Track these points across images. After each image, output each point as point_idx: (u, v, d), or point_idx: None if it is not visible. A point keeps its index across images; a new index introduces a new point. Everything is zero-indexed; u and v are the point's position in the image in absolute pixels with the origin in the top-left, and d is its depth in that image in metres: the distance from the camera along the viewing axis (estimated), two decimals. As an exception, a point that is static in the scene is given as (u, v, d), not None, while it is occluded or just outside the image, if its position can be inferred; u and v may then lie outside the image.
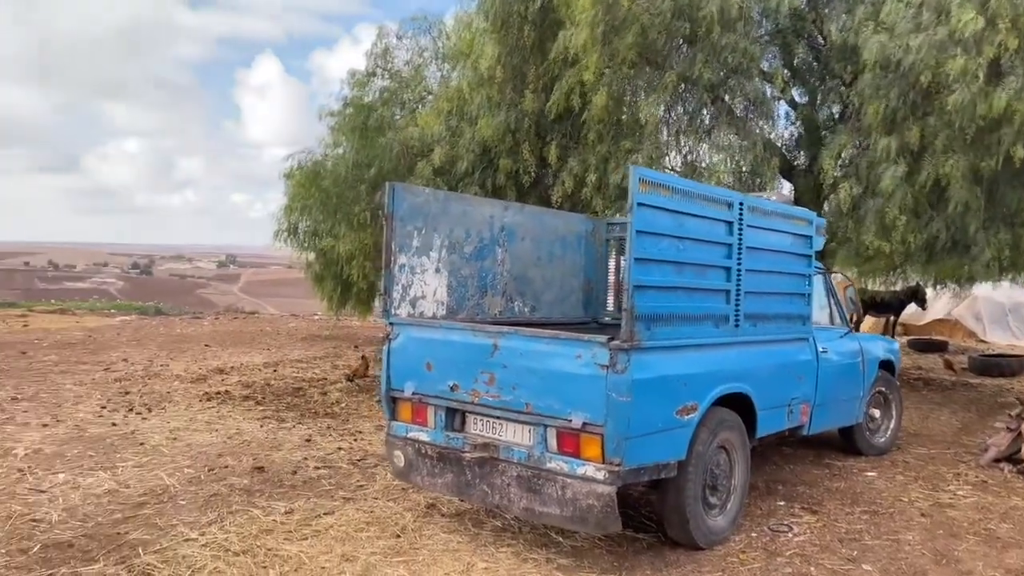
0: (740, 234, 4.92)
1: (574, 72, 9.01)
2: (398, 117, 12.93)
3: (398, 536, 4.93)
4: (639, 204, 4.08)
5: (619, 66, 8.76)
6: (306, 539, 4.84)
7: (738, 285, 4.93)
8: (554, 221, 6.61)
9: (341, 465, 6.51)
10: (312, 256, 15.97)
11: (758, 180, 9.66)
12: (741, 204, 4.93)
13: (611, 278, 6.97)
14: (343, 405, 9.12)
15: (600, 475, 4.12)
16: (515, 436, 4.59)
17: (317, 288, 16.06)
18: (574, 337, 4.28)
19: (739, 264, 4.93)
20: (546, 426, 4.36)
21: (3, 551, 4.55)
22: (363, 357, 11.73)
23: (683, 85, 9.03)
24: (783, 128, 11.38)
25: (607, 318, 6.98)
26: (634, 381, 4.05)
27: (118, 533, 4.87)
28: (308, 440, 7.26)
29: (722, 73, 9.12)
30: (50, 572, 4.28)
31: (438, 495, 5.48)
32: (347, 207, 11.15)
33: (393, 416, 5.20)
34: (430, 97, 14.01)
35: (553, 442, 4.35)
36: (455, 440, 4.81)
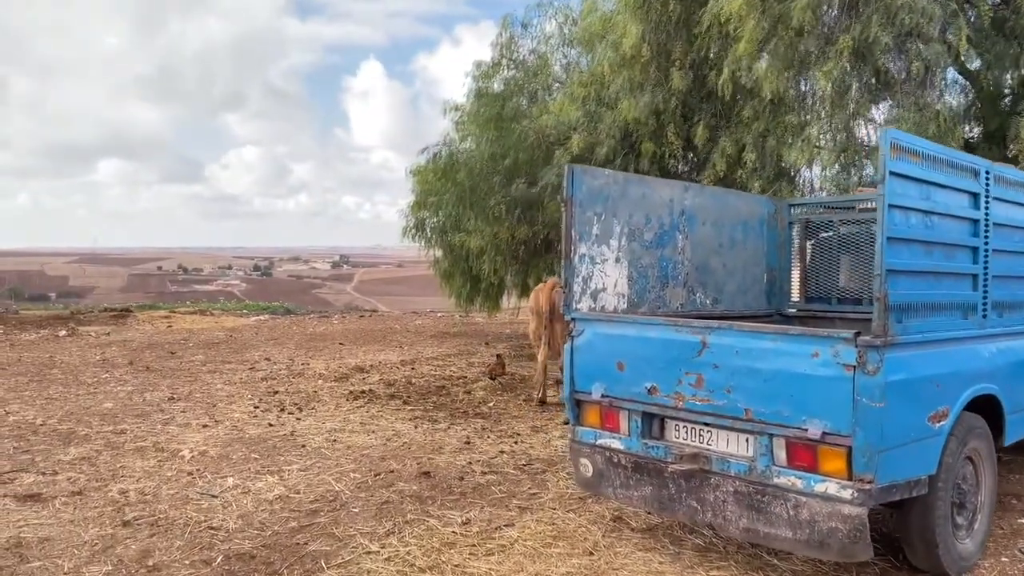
0: (987, 208, 4.20)
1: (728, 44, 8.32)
2: (524, 107, 12.52)
3: (591, 554, 4.48)
4: (891, 173, 3.46)
5: (784, 32, 8.00)
6: (492, 555, 4.46)
7: (986, 268, 4.21)
8: (736, 203, 6.01)
9: (508, 471, 6.13)
10: (439, 252, 15.86)
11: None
12: (988, 173, 4.20)
13: (796, 266, 6.30)
14: (491, 405, 8.79)
15: (846, 494, 3.52)
16: (730, 446, 4.04)
17: (445, 284, 15.91)
18: (809, 333, 3.69)
19: (986, 243, 4.20)
20: (772, 435, 3.79)
21: (187, 562, 4.38)
22: (498, 355, 11.41)
23: (856, 51, 8.18)
24: (950, 97, 10.26)
25: (792, 310, 6.31)
26: (888, 383, 3.42)
27: (297, 544, 4.64)
28: (467, 443, 6.93)
29: (896, 37, 8.23)
30: (237, 587, 4.07)
31: (626, 507, 5.01)
32: (482, 200, 10.83)
33: (578, 420, 4.75)
34: (557, 85, 13.57)
35: (781, 454, 3.77)
36: (655, 449, 4.31)
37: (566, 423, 7.84)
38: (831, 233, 6.17)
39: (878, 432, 3.43)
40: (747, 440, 3.96)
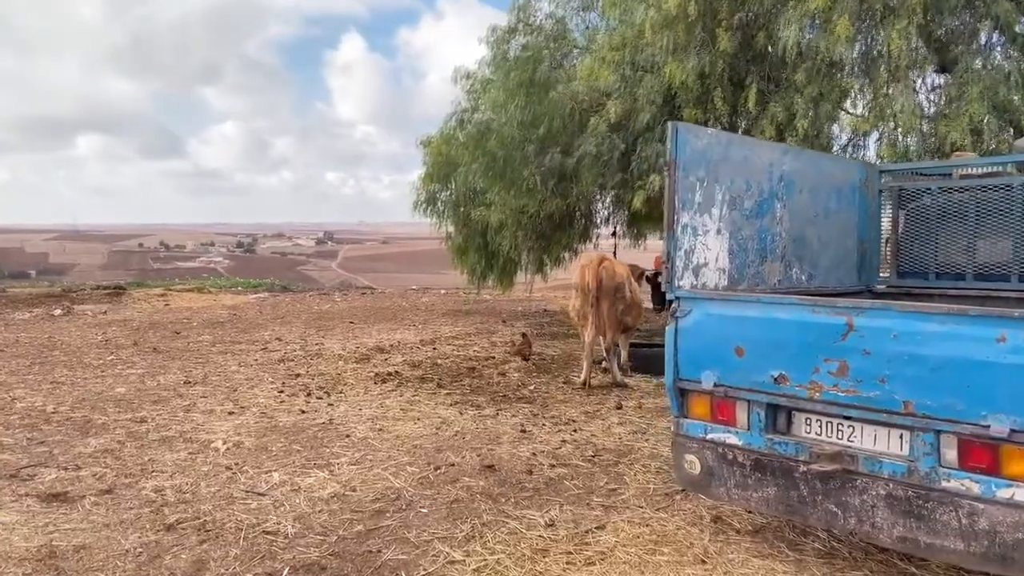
0: None
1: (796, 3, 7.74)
2: (553, 72, 11.86)
3: (703, 562, 3.99)
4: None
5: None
6: (593, 564, 3.96)
7: None
8: (831, 168, 5.48)
9: (576, 463, 5.62)
10: (452, 227, 15.25)
11: (1006, 116, 8.14)
12: None
13: (886, 238, 5.78)
14: (531, 388, 8.27)
15: (1042, 500, 3.03)
16: (879, 443, 3.54)
17: (458, 260, 15.33)
18: (995, 314, 3.17)
19: None
20: (938, 432, 3.28)
21: (249, 575, 3.84)
22: (523, 334, 10.88)
23: (926, 7, 7.63)
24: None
25: (882, 286, 5.80)
26: (1098, 374, 2.92)
27: (369, 552, 4.11)
28: (523, 431, 6.41)
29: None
30: (314, 607, 3.55)
31: (730, 507, 4.52)
32: (515, 171, 10.22)
33: (682, 412, 4.24)
34: (576, 52, 12.92)
35: (951, 454, 3.27)
36: (782, 445, 3.80)
37: (619, 408, 7.37)
38: (927, 201, 5.65)
39: (1084, 430, 2.94)
40: (904, 437, 3.45)
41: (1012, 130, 8.09)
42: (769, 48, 8.78)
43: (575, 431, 6.44)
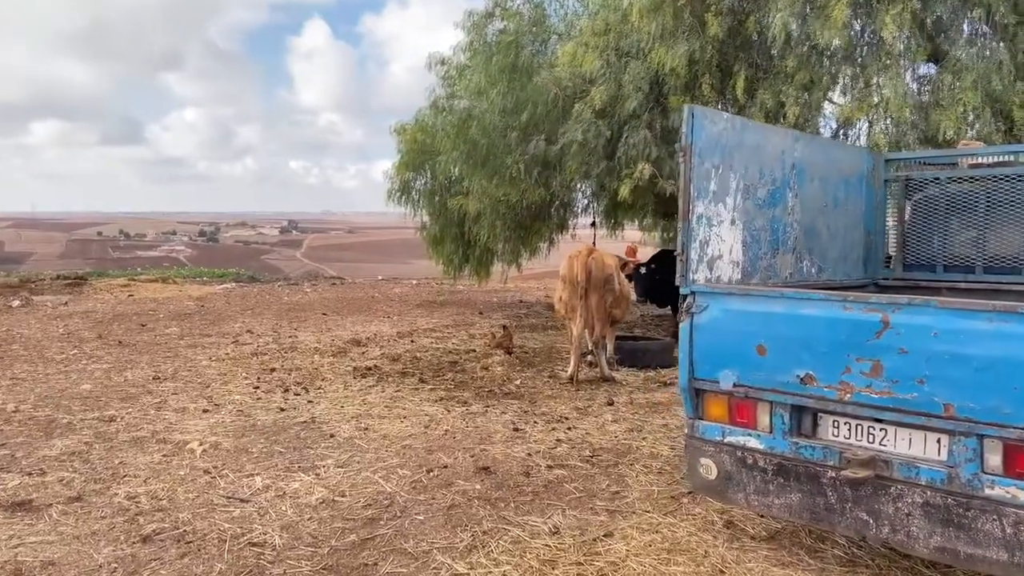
0: None
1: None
2: (534, 58, 11.58)
3: (722, 572, 3.78)
4: None
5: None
6: (605, 575, 3.72)
7: None
8: (841, 156, 5.29)
9: (574, 463, 5.38)
10: (427, 217, 14.92)
11: (997, 106, 8.04)
12: None
13: (893, 229, 5.61)
14: (518, 383, 8.01)
15: (1097, 511, 2.85)
16: (914, 448, 3.34)
17: (433, 250, 15.02)
18: (1048, 311, 2.98)
19: None
20: (982, 436, 3.09)
21: (236, 594, 3.54)
22: (504, 327, 10.61)
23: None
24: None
25: (887, 279, 5.63)
26: None
27: (365, 565, 3.83)
28: (515, 430, 6.15)
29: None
30: (311, 630, 3.26)
31: (741, 511, 4.32)
32: (497, 158, 9.91)
33: (697, 413, 4.01)
34: (555, 38, 12.63)
35: (995, 459, 3.08)
36: (808, 450, 3.59)
37: (610, 404, 7.15)
38: (935, 191, 5.49)
39: None
40: (939, 441, 3.26)
41: (1004, 119, 8.00)
42: (757, 35, 8.59)
43: (569, 429, 6.20)
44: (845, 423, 3.55)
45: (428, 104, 14.25)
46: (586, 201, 13.25)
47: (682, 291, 4.01)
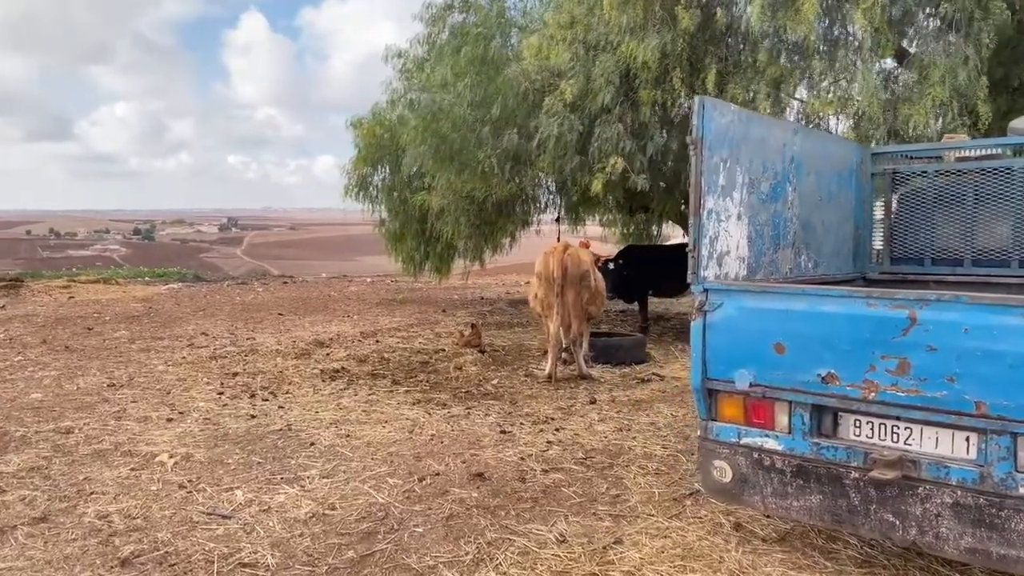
0: None
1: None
2: (505, 50, 11.37)
3: (741, 577, 3.66)
4: None
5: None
6: (623, 585, 3.58)
7: None
8: (835, 150, 5.24)
9: (570, 467, 5.21)
10: (386, 213, 14.60)
11: (963, 100, 8.14)
12: None
13: (878, 223, 5.60)
14: (494, 382, 7.82)
15: None
16: (943, 447, 3.27)
17: (393, 247, 14.70)
18: (1087, 306, 2.93)
19: None
20: (1015, 435, 3.03)
21: (233, 621, 3.28)
22: (473, 325, 10.42)
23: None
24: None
25: (875, 274, 5.62)
26: None
27: (368, 584, 3.60)
28: (503, 432, 5.97)
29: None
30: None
31: (750, 513, 4.22)
32: (468, 152, 9.67)
33: (711, 414, 3.89)
34: (515, 31, 12.44)
35: (1029, 458, 3.03)
36: (830, 450, 3.50)
37: (592, 402, 7.02)
38: (922, 185, 5.49)
39: None
40: (968, 440, 3.20)
41: (968, 114, 8.11)
42: (726, 28, 8.56)
43: (557, 430, 6.04)
44: (868, 422, 3.47)
45: (386, 98, 13.96)
46: (550, 196, 13.11)
47: (694, 288, 3.88)
